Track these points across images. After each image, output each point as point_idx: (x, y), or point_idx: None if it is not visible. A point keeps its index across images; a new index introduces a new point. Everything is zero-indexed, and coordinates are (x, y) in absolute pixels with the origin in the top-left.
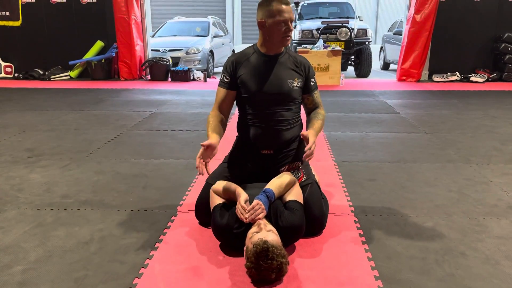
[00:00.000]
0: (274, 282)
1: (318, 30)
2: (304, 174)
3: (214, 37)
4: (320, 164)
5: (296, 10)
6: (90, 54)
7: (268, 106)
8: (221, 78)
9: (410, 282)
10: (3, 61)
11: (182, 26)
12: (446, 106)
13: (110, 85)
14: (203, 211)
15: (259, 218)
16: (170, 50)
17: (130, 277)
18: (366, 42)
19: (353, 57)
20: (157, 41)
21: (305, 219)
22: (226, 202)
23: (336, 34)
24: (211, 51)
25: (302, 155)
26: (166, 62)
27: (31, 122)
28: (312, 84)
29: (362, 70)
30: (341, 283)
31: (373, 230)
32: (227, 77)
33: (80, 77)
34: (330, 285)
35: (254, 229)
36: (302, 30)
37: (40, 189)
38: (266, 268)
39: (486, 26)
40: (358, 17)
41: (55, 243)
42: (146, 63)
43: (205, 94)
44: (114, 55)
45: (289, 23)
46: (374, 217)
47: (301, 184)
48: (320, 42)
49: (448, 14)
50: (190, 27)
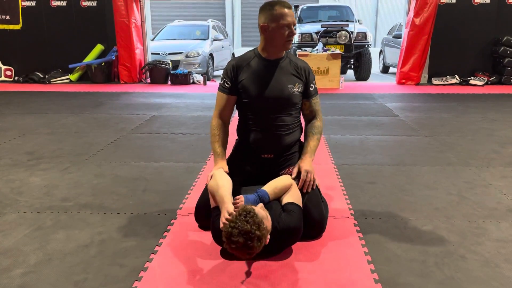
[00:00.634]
0: (244, 255)
1: (317, 33)
2: None
3: (214, 40)
4: (319, 167)
5: (295, 13)
6: (90, 58)
7: (268, 111)
8: (221, 82)
9: (410, 285)
10: (3, 64)
11: (182, 30)
12: (446, 109)
13: (110, 88)
14: (203, 215)
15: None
16: (170, 54)
17: (130, 280)
18: (366, 45)
19: (352, 60)
20: (157, 44)
21: (303, 222)
22: None
23: (335, 37)
24: (211, 55)
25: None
26: (166, 65)
27: (31, 125)
28: (311, 89)
29: (362, 73)
30: (341, 286)
31: (372, 233)
32: (228, 82)
33: (80, 80)
34: None
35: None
36: (302, 34)
37: (40, 192)
38: (239, 228)
39: (485, 29)
40: (358, 20)
41: (55, 246)
42: (146, 67)
43: (205, 97)
44: (114, 59)
45: (292, 27)
46: (373, 220)
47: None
48: (319, 46)
49: (447, 17)
50: (190, 31)
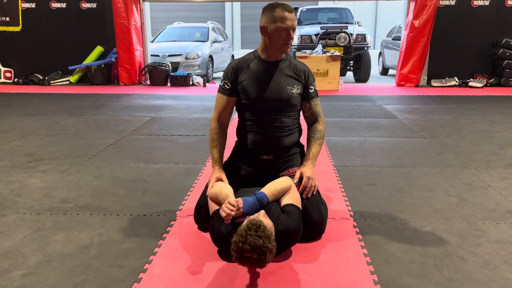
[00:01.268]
0: (256, 267)
1: (317, 35)
2: None
3: (214, 42)
4: (319, 168)
5: (295, 15)
6: (89, 59)
7: (267, 113)
8: (221, 84)
9: (409, 286)
10: (3, 66)
11: (181, 32)
12: (445, 111)
13: (109, 90)
14: (203, 216)
15: (236, 214)
16: (169, 55)
17: (130, 281)
18: (365, 47)
19: (352, 62)
20: (156, 46)
21: (302, 224)
22: None
23: (335, 39)
24: (211, 56)
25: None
26: (166, 67)
27: (31, 127)
28: (311, 91)
29: (361, 75)
30: None
31: (372, 234)
32: (228, 83)
33: (79, 82)
34: None
35: (254, 215)
36: (301, 36)
37: (39, 193)
38: (251, 243)
39: (484, 31)
40: (357, 22)
41: (55, 248)
42: (146, 68)
43: (204, 99)
44: (113, 60)
45: (290, 31)
46: (373, 221)
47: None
48: (319, 48)
49: (446, 19)
50: (189, 33)
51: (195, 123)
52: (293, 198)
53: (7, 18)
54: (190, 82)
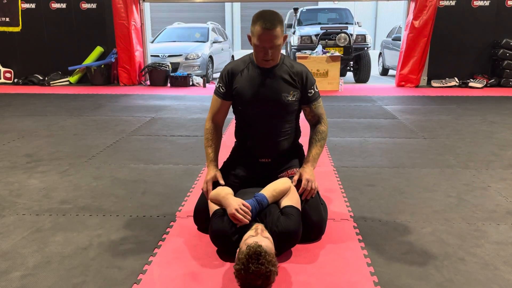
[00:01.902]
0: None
1: (317, 36)
2: None
3: (214, 42)
4: (319, 169)
5: (295, 16)
6: (89, 60)
7: (263, 118)
8: (217, 86)
9: (409, 287)
10: (3, 66)
11: (181, 32)
12: (445, 111)
13: (109, 90)
14: (202, 217)
15: (243, 221)
16: (169, 56)
17: (129, 283)
18: (365, 48)
19: (352, 62)
20: (156, 46)
21: (301, 225)
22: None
23: (335, 40)
24: (211, 57)
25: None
26: (166, 67)
27: (30, 128)
28: (310, 95)
29: (361, 76)
30: None
31: (372, 235)
32: (223, 87)
33: (79, 82)
34: None
35: (251, 232)
36: (301, 36)
37: (38, 194)
38: (255, 271)
39: (484, 31)
40: (357, 22)
41: (54, 249)
42: (146, 69)
43: (204, 99)
44: (113, 61)
45: (267, 50)
46: (373, 222)
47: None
48: (319, 48)
49: (446, 20)
50: (189, 33)
51: (195, 124)
52: (292, 200)
53: (7, 19)
54: (190, 83)
